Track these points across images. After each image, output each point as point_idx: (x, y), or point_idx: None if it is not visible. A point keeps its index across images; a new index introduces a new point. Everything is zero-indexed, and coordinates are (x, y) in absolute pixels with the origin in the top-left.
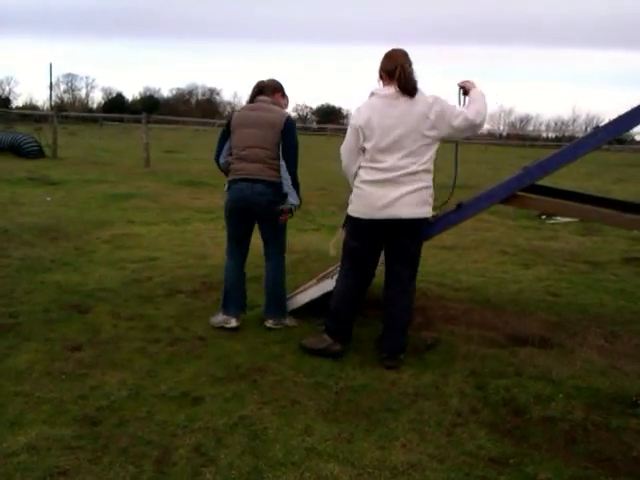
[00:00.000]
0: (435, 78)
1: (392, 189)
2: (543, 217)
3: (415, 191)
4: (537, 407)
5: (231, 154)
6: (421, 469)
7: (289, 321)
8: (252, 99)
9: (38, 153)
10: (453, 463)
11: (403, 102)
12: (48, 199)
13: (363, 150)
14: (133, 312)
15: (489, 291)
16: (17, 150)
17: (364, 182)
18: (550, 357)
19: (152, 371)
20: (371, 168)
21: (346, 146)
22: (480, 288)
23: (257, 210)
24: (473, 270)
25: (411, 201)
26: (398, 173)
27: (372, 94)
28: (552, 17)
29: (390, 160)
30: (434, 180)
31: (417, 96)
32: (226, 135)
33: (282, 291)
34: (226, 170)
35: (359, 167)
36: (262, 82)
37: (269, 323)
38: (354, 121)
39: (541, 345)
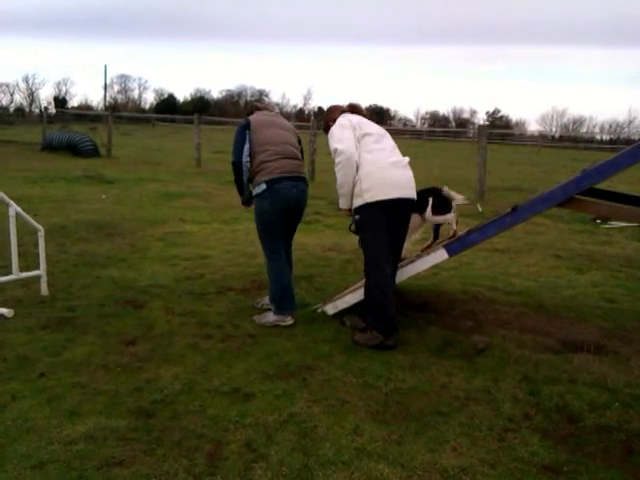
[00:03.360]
0: (482, 79)
1: (406, 170)
2: (598, 221)
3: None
4: (592, 415)
5: (254, 154)
6: (472, 473)
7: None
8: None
9: (93, 152)
10: (505, 469)
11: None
12: (103, 197)
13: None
14: (186, 308)
15: (542, 296)
16: (73, 149)
17: (385, 166)
18: (605, 364)
19: (204, 366)
20: (379, 150)
21: (350, 140)
22: (533, 292)
23: (302, 206)
24: (526, 274)
25: (413, 184)
26: (405, 158)
27: (344, 116)
28: (606, 16)
29: (388, 146)
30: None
31: None
32: (244, 136)
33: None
34: (247, 171)
35: (365, 154)
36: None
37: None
38: (347, 122)
39: (596, 352)
